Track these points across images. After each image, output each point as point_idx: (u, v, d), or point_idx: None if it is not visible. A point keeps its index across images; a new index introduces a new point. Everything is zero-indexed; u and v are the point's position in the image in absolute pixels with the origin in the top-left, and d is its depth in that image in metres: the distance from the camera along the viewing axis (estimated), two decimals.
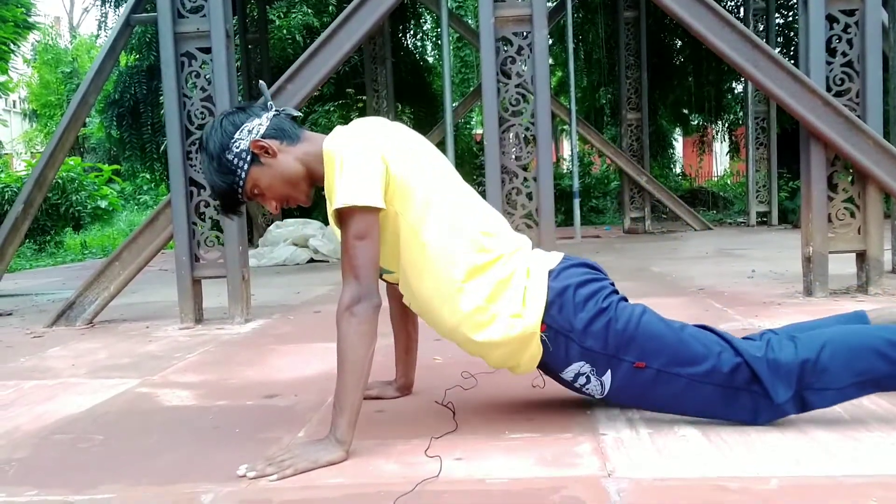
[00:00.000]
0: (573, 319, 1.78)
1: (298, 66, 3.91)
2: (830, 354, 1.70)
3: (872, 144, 3.72)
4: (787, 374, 1.71)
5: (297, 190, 1.86)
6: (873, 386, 1.73)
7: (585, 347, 1.79)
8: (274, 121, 1.85)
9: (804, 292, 3.93)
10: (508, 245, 1.86)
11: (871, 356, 1.69)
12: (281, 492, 1.56)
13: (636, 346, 1.77)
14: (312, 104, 9.97)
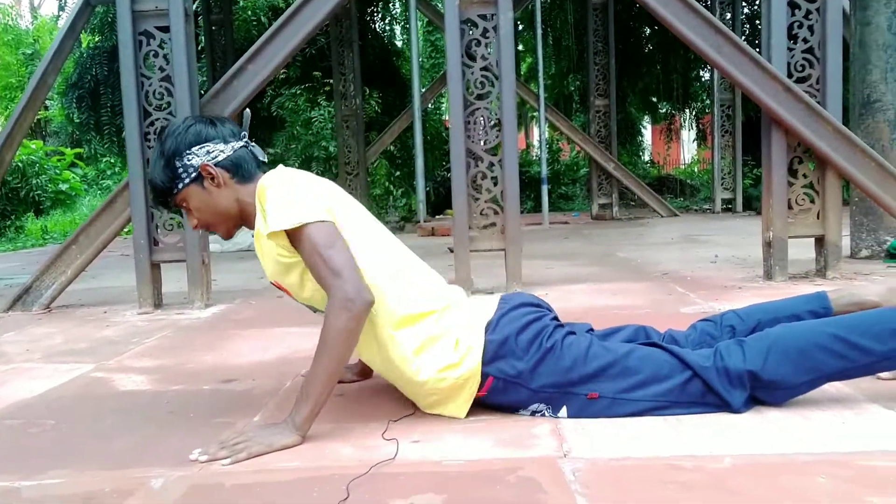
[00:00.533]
0: (519, 366, 1.76)
1: (260, 45, 3.84)
2: (778, 360, 1.71)
3: (832, 131, 3.76)
4: (739, 378, 1.73)
5: (221, 225, 1.88)
6: (825, 380, 1.75)
7: (537, 390, 1.77)
8: (237, 153, 1.84)
9: (764, 276, 3.98)
10: (441, 301, 1.83)
11: (818, 354, 1.70)
12: (233, 475, 1.53)
13: (586, 380, 1.75)
14: (279, 87, 9.85)
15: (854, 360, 1.69)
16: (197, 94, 3.88)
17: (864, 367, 1.71)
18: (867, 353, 1.68)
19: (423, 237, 8.43)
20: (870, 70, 4.61)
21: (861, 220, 4.79)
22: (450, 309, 1.83)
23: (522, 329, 1.79)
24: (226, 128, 1.86)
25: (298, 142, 9.63)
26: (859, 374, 1.75)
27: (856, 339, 1.69)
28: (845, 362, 1.69)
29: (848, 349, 1.69)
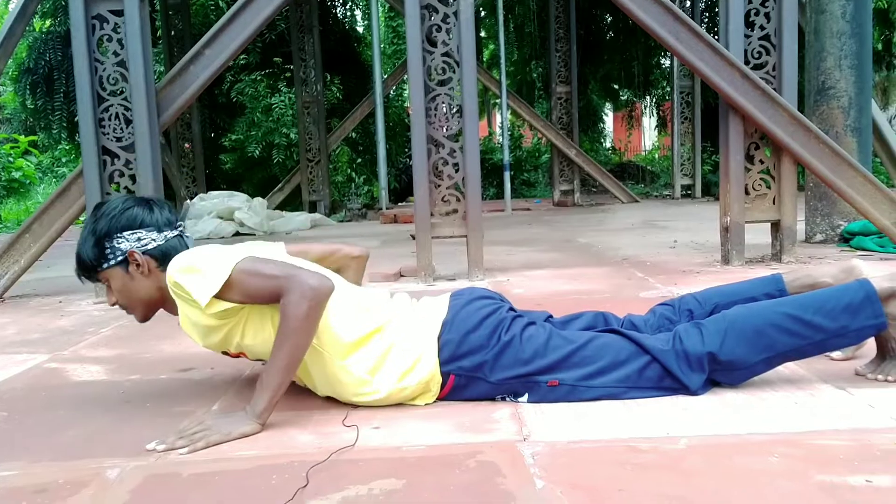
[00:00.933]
0: (479, 361, 1.77)
1: (217, 29, 3.78)
2: (734, 341, 1.74)
3: (787, 117, 3.82)
4: (697, 362, 1.76)
5: (139, 309, 1.88)
6: (780, 358, 1.79)
7: (498, 383, 1.78)
8: (169, 242, 1.83)
9: (722, 261, 4.04)
10: (382, 316, 1.82)
11: (772, 333, 1.74)
12: (190, 465, 1.52)
13: (546, 368, 1.76)
14: (238, 73, 9.70)
15: (807, 338, 1.73)
16: (152, 79, 3.81)
17: (817, 343, 1.75)
18: (820, 331, 1.72)
19: (386, 224, 8.40)
20: (824, 57, 4.70)
21: (816, 206, 4.89)
22: (393, 322, 1.82)
23: (479, 324, 1.79)
24: (163, 215, 1.85)
25: (259, 128, 9.52)
26: (813, 352, 1.79)
27: (809, 317, 1.73)
28: (799, 340, 1.73)
29: (801, 327, 1.73)
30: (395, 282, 3.96)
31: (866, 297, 1.73)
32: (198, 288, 1.68)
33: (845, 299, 1.74)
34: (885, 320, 1.74)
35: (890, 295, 1.74)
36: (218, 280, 1.67)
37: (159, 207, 1.87)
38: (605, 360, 1.77)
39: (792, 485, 1.29)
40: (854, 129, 4.67)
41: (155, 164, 3.79)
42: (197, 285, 1.68)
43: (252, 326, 1.78)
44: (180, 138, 9.93)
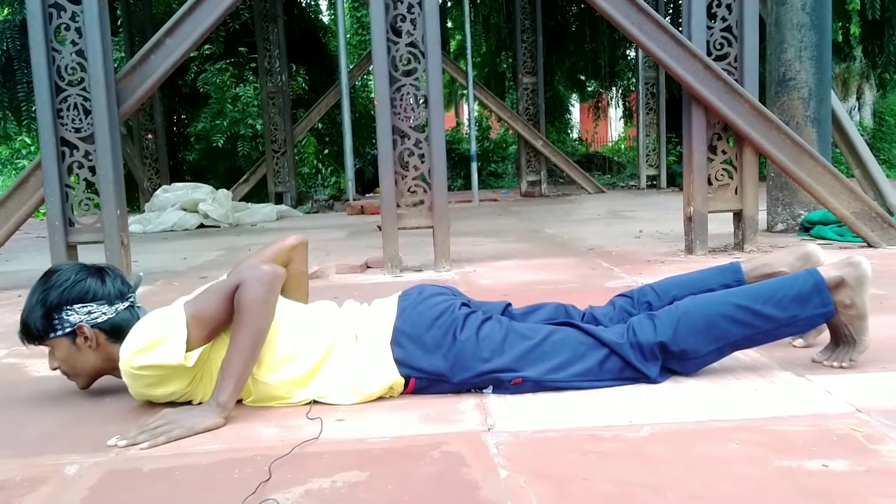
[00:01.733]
0: (438, 365, 1.76)
1: (178, 18, 3.72)
2: (686, 331, 1.77)
3: (749, 108, 3.87)
4: (651, 352, 1.78)
5: (82, 377, 1.87)
6: (731, 348, 1.82)
7: (460, 383, 1.78)
8: (120, 315, 1.81)
9: (686, 250, 4.09)
10: (326, 340, 1.79)
11: (723, 323, 1.76)
12: (150, 460, 1.50)
13: (506, 365, 1.76)
14: (203, 63, 9.57)
15: (757, 328, 1.76)
16: (112, 69, 3.73)
17: (767, 332, 1.78)
18: (769, 320, 1.76)
19: (353, 216, 8.36)
20: (785, 49, 4.76)
21: (777, 195, 4.96)
22: (339, 343, 1.80)
23: (431, 326, 1.78)
24: (114, 287, 1.83)
25: (224, 118, 9.40)
26: (764, 341, 1.82)
27: (759, 307, 1.76)
28: (749, 329, 1.77)
29: (752, 317, 1.76)
30: (362, 273, 3.94)
31: (815, 286, 1.77)
32: (168, 353, 1.66)
33: (795, 289, 1.77)
34: (833, 308, 1.78)
35: (838, 283, 1.78)
36: (180, 332, 1.66)
37: (111, 278, 1.84)
38: (565, 355, 1.78)
39: (751, 470, 1.31)
40: (814, 120, 4.74)
41: (115, 156, 3.72)
42: (166, 353, 1.66)
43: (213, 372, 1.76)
44: (143, 129, 9.78)
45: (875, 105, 14.49)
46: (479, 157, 12.31)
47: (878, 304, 2.61)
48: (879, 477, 1.26)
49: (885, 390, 1.71)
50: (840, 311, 1.80)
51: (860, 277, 1.77)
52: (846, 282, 1.77)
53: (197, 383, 1.76)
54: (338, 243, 5.63)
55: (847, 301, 1.78)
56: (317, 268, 3.88)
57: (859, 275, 1.77)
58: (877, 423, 1.51)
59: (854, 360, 1.86)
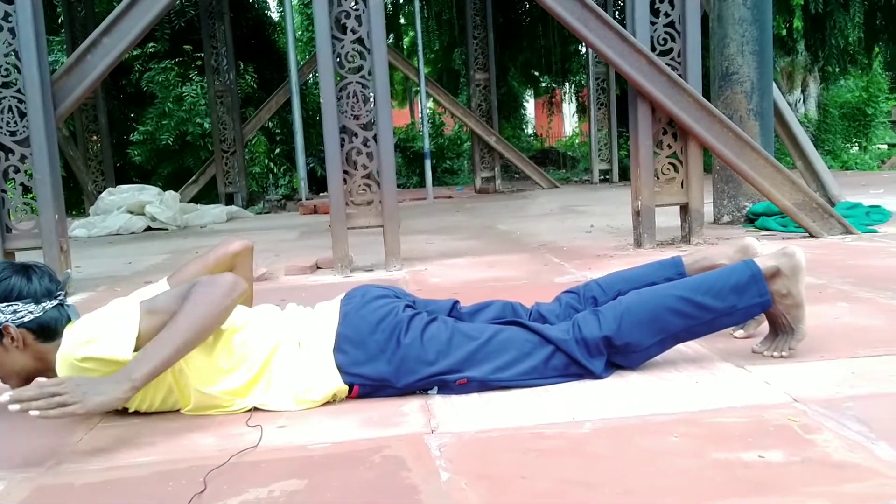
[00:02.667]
0: (382, 370, 1.74)
1: (116, 16, 3.63)
2: (629, 325, 1.78)
3: (693, 102, 3.92)
4: (596, 347, 1.79)
5: (12, 379, 1.79)
6: (673, 340, 1.84)
7: (405, 387, 1.76)
8: (48, 313, 1.73)
9: (634, 244, 4.13)
10: (268, 345, 1.75)
11: (665, 315, 1.79)
12: (82, 474, 1.45)
13: (451, 366, 1.75)
14: (147, 62, 9.37)
15: (698, 318, 1.79)
16: (48, 69, 3.63)
17: (707, 323, 1.81)
18: (709, 311, 1.79)
19: (306, 215, 8.27)
20: (727, 44, 4.84)
21: (722, 188, 5.04)
22: (280, 350, 1.76)
23: (375, 330, 1.75)
24: (41, 285, 1.75)
25: (171, 119, 9.23)
26: (705, 331, 1.85)
27: (699, 298, 1.78)
28: (690, 321, 1.79)
29: (692, 308, 1.78)
30: (312, 274, 3.90)
31: (752, 276, 1.80)
32: (116, 347, 1.60)
33: (732, 280, 1.80)
34: (770, 298, 1.81)
35: (774, 273, 1.81)
36: (130, 327, 1.61)
37: (38, 276, 1.76)
38: (511, 354, 1.77)
39: (689, 463, 1.32)
40: (757, 113, 4.83)
41: (52, 159, 3.62)
42: (113, 346, 1.60)
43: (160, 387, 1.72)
44: (87, 131, 9.54)
45: (819, 97, 14.85)
46: (434, 154, 12.29)
47: (818, 293, 2.66)
48: (813, 467, 1.28)
49: (822, 380, 1.74)
50: (777, 301, 1.83)
51: (795, 267, 1.81)
52: (782, 272, 1.81)
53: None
54: (289, 244, 5.56)
55: (783, 290, 1.82)
56: (265, 270, 3.82)
57: (794, 264, 1.81)
58: (813, 413, 1.53)
59: (793, 348, 1.90)
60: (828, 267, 3.16)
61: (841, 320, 2.29)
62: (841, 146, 13.51)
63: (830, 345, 2.00)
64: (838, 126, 13.84)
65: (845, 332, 2.14)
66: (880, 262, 3.28)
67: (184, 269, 1.98)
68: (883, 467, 1.26)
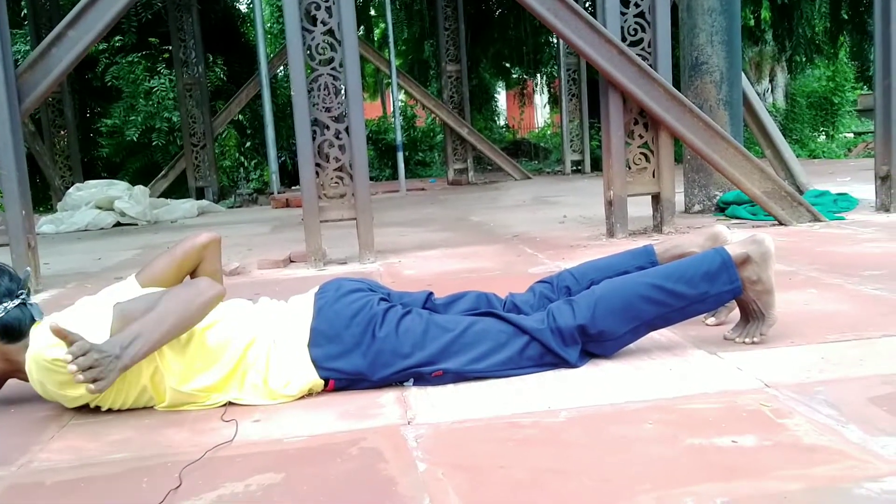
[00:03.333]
0: (357, 364, 1.74)
1: (81, 9, 3.56)
2: (603, 313, 1.80)
3: (663, 92, 3.95)
4: (571, 337, 1.80)
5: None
6: (646, 327, 1.86)
7: (380, 381, 1.76)
8: (10, 313, 1.70)
9: (607, 234, 4.15)
10: (242, 341, 1.74)
11: (638, 303, 1.81)
12: (55, 472, 1.43)
13: (427, 358, 1.75)
14: (113, 55, 9.22)
15: (670, 306, 1.81)
16: (11, 63, 3.55)
17: (679, 310, 1.83)
18: (682, 298, 1.81)
19: (278, 209, 8.21)
20: (697, 34, 4.87)
21: (693, 177, 5.09)
22: (255, 345, 1.75)
23: (350, 324, 1.75)
24: (1, 285, 1.72)
25: (138, 113, 9.10)
26: (677, 318, 1.87)
27: (671, 286, 1.81)
28: (663, 308, 1.81)
29: (665, 296, 1.80)
30: (285, 268, 3.87)
31: (722, 263, 1.83)
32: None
33: (704, 267, 1.83)
34: (741, 284, 1.84)
35: (744, 260, 1.84)
36: (102, 327, 1.60)
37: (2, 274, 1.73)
38: (486, 345, 1.78)
39: (663, 449, 1.34)
40: (726, 103, 4.88)
41: (18, 154, 3.55)
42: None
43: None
44: (53, 126, 9.38)
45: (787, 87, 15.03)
46: (406, 146, 12.26)
47: (788, 280, 2.70)
48: (785, 450, 1.30)
49: (793, 365, 1.76)
50: (747, 287, 1.85)
51: (764, 254, 1.84)
52: (751, 258, 1.84)
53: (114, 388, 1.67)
54: (261, 238, 5.52)
55: (753, 277, 1.84)
56: (238, 264, 3.79)
57: (763, 251, 1.84)
58: (784, 398, 1.55)
59: (764, 333, 1.92)
60: (797, 254, 3.20)
61: (810, 306, 2.32)
62: (808, 135, 13.69)
63: (800, 331, 2.03)
64: (805, 115, 14.02)
65: (815, 318, 2.17)
66: (848, 248, 3.33)
67: (153, 264, 1.96)
68: (853, 450, 1.29)
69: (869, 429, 1.36)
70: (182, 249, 1.96)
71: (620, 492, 1.19)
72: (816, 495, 1.14)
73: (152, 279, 1.90)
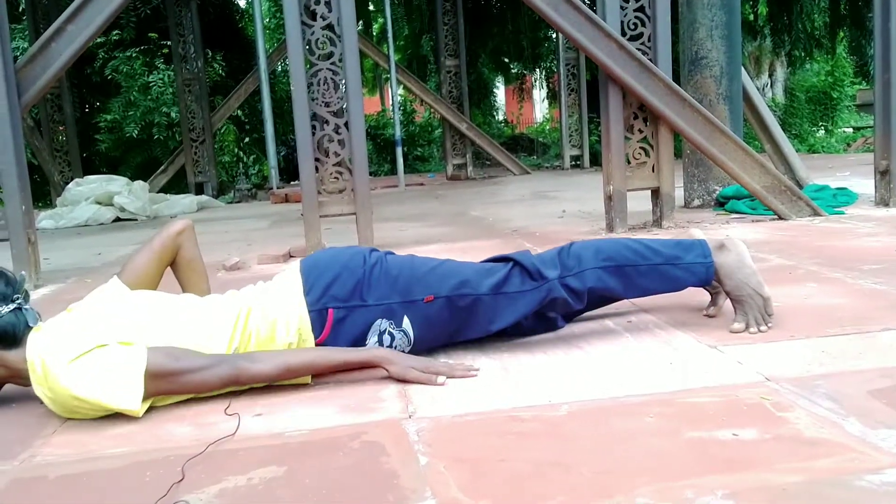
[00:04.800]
0: (353, 284, 1.82)
1: (80, 3, 3.55)
2: (581, 246, 1.97)
3: (663, 87, 3.94)
4: (551, 261, 1.92)
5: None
6: (616, 271, 1.93)
7: (374, 304, 1.82)
8: (5, 318, 1.68)
9: (606, 229, 4.15)
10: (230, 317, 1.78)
11: (618, 246, 1.97)
12: (57, 467, 1.43)
13: (417, 285, 1.84)
14: (112, 50, 9.20)
15: (645, 258, 1.95)
16: (10, 58, 3.55)
17: (652, 267, 1.95)
18: (656, 254, 1.95)
19: (277, 204, 8.21)
20: (697, 28, 4.87)
21: (692, 172, 5.09)
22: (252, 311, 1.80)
23: (339, 255, 1.88)
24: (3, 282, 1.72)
25: (137, 108, 9.08)
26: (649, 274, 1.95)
27: (648, 242, 2.00)
28: (638, 258, 1.95)
29: (641, 248, 1.97)
30: (285, 262, 3.87)
31: (697, 242, 2.01)
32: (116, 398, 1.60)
33: (679, 240, 2.02)
34: (713, 263, 1.95)
35: (720, 246, 1.99)
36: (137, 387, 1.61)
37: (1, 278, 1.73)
38: (471, 270, 1.90)
39: (664, 442, 1.34)
40: (726, 98, 4.87)
41: (17, 149, 3.55)
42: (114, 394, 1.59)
43: None
44: (52, 121, 9.36)
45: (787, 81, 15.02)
46: (405, 141, 12.26)
47: (788, 274, 2.71)
48: (786, 443, 1.31)
49: (793, 359, 1.76)
50: (732, 271, 1.95)
51: (738, 245, 1.98)
52: (727, 245, 1.98)
53: None
54: (260, 233, 5.52)
55: (736, 264, 1.95)
56: (237, 259, 3.79)
57: (736, 243, 1.99)
58: (785, 391, 1.56)
59: (771, 314, 1.98)
60: (797, 248, 3.21)
61: (810, 300, 2.33)
62: (808, 130, 13.69)
63: (801, 324, 2.04)
64: (805, 110, 14.02)
65: (815, 312, 2.17)
66: (847, 243, 3.34)
67: (133, 260, 2.00)
68: (853, 442, 1.29)
69: (869, 422, 1.37)
70: (159, 240, 2.02)
71: (621, 484, 1.19)
72: (817, 488, 1.14)
73: (136, 276, 1.95)
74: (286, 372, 1.72)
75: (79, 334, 1.64)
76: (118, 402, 1.59)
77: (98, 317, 1.72)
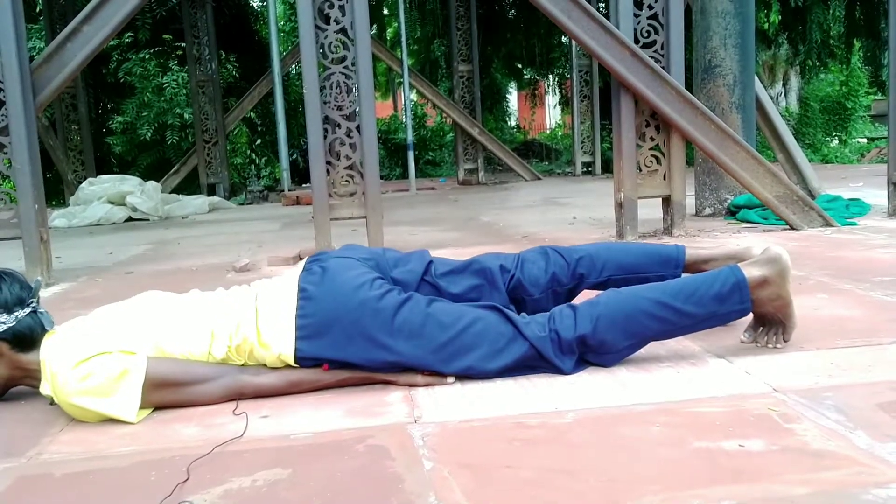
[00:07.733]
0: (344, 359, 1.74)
1: (96, 4, 3.58)
2: (605, 326, 1.76)
3: (676, 95, 3.93)
4: (569, 346, 1.77)
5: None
6: (648, 341, 1.85)
7: (374, 368, 1.76)
8: (21, 322, 1.70)
9: (617, 236, 4.15)
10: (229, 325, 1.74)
11: (642, 319, 1.77)
12: (63, 465, 1.44)
13: (421, 359, 1.74)
14: (126, 51, 9.27)
15: (675, 324, 1.79)
16: (27, 58, 3.58)
17: (684, 328, 1.82)
18: (687, 317, 1.78)
19: (288, 206, 8.23)
20: (710, 36, 4.86)
21: (704, 180, 5.07)
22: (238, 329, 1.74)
23: (340, 314, 1.72)
24: (12, 294, 1.72)
25: (150, 109, 9.14)
26: (680, 335, 1.88)
27: (679, 305, 1.77)
28: (667, 325, 1.79)
29: (670, 314, 1.77)
30: (295, 265, 3.88)
31: (736, 284, 1.78)
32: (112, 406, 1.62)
33: (716, 288, 1.78)
34: (751, 305, 1.81)
35: (761, 283, 1.80)
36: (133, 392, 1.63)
37: (8, 284, 1.73)
38: (482, 350, 1.75)
39: (670, 452, 1.34)
40: (739, 106, 4.86)
41: (32, 148, 3.57)
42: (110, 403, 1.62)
43: None
44: (66, 120, 9.43)
45: (801, 91, 14.95)
46: (417, 145, 12.27)
47: (798, 284, 2.68)
48: (792, 455, 1.30)
49: (802, 370, 1.75)
50: (766, 303, 1.83)
51: (782, 271, 1.80)
52: (769, 280, 1.79)
53: None
54: (271, 234, 5.54)
55: (773, 296, 1.82)
56: (247, 260, 3.81)
57: (781, 269, 1.80)
58: (792, 403, 1.55)
59: (787, 340, 1.90)
60: (808, 259, 3.19)
61: (821, 311, 2.31)
62: (821, 140, 13.60)
63: (810, 336, 2.02)
64: (818, 120, 13.93)
65: (825, 324, 2.16)
66: (859, 254, 3.32)
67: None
68: (860, 455, 1.28)
69: (877, 434, 1.36)
70: None
71: (627, 492, 1.19)
72: (823, 500, 1.14)
73: None
74: (290, 387, 1.73)
75: (84, 340, 1.65)
76: (113, 411, 1.61)
77: (106, 323, 1.73)
